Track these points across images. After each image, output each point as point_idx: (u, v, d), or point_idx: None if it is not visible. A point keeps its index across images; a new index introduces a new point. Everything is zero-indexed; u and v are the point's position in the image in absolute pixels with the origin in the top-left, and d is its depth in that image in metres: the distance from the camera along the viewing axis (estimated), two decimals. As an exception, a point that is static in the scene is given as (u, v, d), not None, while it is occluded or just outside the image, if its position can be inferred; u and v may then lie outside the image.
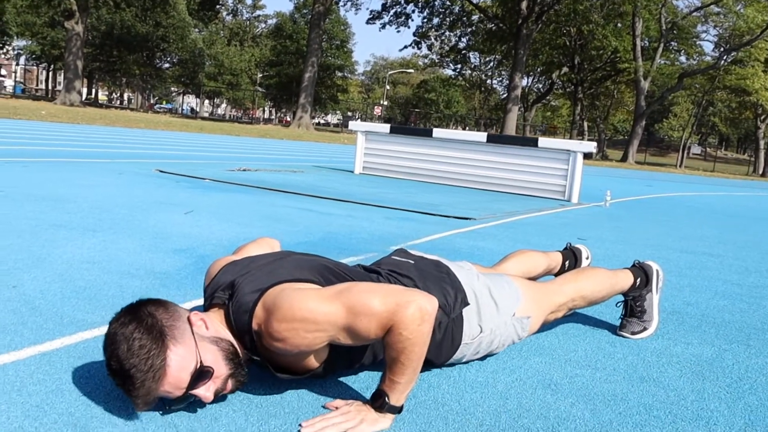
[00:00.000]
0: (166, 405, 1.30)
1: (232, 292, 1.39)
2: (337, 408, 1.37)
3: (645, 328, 2.09)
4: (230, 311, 1.38)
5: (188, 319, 1.33)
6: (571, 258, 2.32)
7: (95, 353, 1.58)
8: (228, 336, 1.37)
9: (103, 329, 1.74)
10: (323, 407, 1.40)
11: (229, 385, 1.34)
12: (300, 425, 1.30)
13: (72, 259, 2.49)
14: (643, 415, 1.49)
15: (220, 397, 1.35)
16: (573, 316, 2.27)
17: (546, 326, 2.13)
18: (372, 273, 1.63)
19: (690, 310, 2.51)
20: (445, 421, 1.37)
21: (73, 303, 1.96)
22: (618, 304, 2.18)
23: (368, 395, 1.41)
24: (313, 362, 1.40)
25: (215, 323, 1.38)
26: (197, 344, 1.29)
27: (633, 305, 2.10)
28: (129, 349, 1.23)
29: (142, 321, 1.27)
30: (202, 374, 1.28)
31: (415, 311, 1.28)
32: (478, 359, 1.74)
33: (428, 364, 1.61)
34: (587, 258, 2.35)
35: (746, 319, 2.44)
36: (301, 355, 1.37)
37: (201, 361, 1.28)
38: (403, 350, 1.29)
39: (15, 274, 2.20)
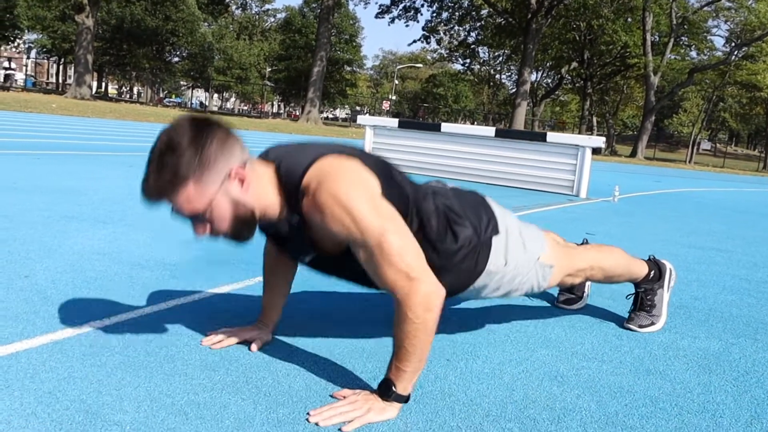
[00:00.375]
0: (171, 210, 1.34)
1: (287, 158, 1.39)
2: (344, 397, 1.39)
3: (653, 323, 2.09)
4: (282, 167, 1.38)
5: (230, 171, 1.31)
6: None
7: (106, 342, 1.61)
8: (259, 202, 1.36)
9: (114, 319, 1.77)
10: (331, 396, 1.41)
11: (223, 237, 1.37)
12: (308, 414, 1.31)
13: (83, 250, 2.52)
14: (649, 407, 1.49)
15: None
16: (580, 310, 2.28)
17: (553, 318, 2.14)
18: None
19: (697, 304, 2.51)
20: (451, 411, 1.39)
21: (84, 293, 1.98)
22: (628, 297, 2.19)
23: (376, 385, 1.42)
24: (336, 247, 1.41)
25: (259, 180, 1.36)
26: (217, 196, 1.30)
27: (644, 298, 2.10)
28: (164, 152, 1.26)
29: (197, 139, 1.27)
30: (200, 219, 1.32)
31: (423, 296, 1.30)
32: (496, 297, 1.70)
33: (458, 290, 1.63)
34: None
35: (754, 313, 2.44)
36: (326, 237, 1.39)
37: (205, 211, 1.30)
38: (408, 334, 1.31)
39: (27, 264, 2.23)
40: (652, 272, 2.10)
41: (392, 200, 1.37)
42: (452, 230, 1.54)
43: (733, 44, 36.86)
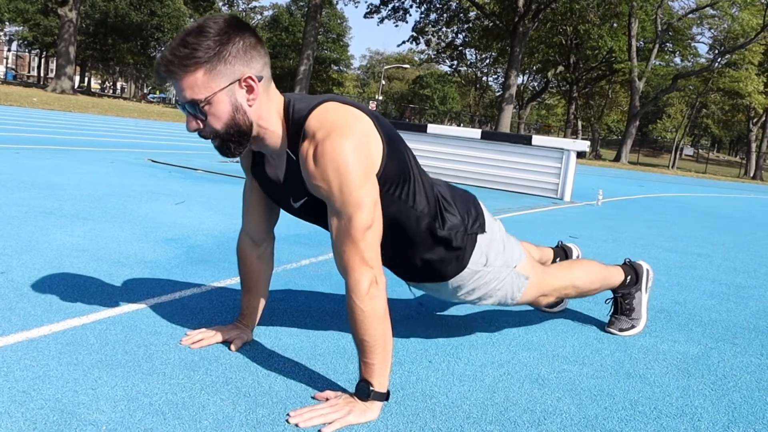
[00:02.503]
0: (177, 101, 1.34)
1: (298, 98, 1.41)
2: (326, 399, 1.37)
3: (633, 326, 2.10)
4: (292, 103, 1.38)
5: (242, 77, 1.31)
6: (562, 255, 2.33)
7: (83, 340, 1.58)
8: (260, 121, 1.36)
9: (92, 317, 1.74)
10: (312, 398, 1.40)
11: (213, 139, 1.36)
12: (288, 415, 1.30)
13: (62, 246, 2.48)
14: (629, 410, 1.50)
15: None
16: (562, 313, 2.29)
17: (535, 321, 2.15)
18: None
19: (678, 308, 2.53)
20: (432, 413, 1.38)
21: (62, 290, 1.95)
22: (607, 301, 2.20)
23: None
24: None
25: (268, 103, 1.37)
26: (221, 93, 1.30)
27: (622, 302, 2.11)
28: (190, 33, 1.28)
29: (225, 33, 1.28)
30: (197, 112, 1.31)
31: (368, 284, 1.31)
32: (468, 300, 1.71)
33: (436, 279, 1.65)
34: (577, 257, 2.36)
35: (733, 318, 2.46)
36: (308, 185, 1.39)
37: (204, 104, 1.30)
38: (363, 324, 1.32)
39: (4, 260, 2.19)
40: (629, 277, 2.11)
41: (394, 164, 1.40)
42: (441, 216, 1.56)
43: (716, 51, 37.32)
